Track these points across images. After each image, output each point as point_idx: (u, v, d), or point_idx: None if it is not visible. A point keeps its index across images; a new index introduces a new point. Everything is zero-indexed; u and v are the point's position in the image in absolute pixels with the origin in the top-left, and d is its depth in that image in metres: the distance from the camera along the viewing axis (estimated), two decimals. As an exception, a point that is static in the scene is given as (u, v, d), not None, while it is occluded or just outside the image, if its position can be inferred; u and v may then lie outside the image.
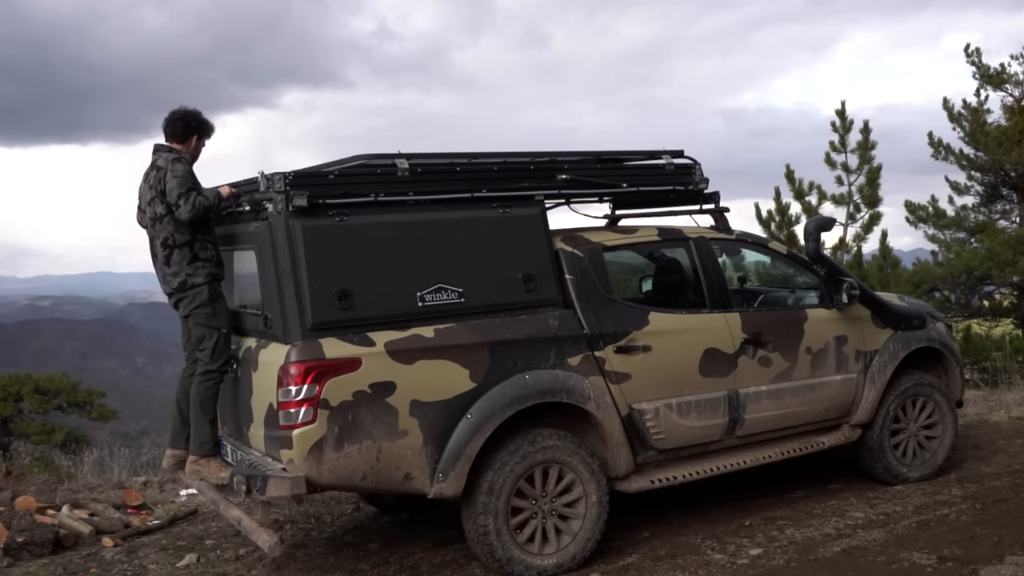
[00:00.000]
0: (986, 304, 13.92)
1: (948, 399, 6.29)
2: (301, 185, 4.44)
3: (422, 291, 4.59)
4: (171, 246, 4.77)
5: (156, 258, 4.88)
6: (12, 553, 5.42)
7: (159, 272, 4.88)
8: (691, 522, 5.52)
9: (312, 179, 4.54)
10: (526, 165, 5.16)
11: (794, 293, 6.23)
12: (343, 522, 6.07)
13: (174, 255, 4.77)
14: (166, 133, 4.96)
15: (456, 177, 4.91)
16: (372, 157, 4.81)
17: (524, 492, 4.73)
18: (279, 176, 4.43)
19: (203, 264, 4.79)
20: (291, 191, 4.41)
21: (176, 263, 4.77)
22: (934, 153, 13.88)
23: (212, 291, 4.82)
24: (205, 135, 5.05)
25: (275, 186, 4.43)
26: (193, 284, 4.78)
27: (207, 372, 4.80)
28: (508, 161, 5.16)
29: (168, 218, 4.75)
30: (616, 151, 5.59)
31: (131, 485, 7.20)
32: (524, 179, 5.10)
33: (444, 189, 4.81)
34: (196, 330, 4.84)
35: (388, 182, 4.68)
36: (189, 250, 4.77)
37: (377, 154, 4.82)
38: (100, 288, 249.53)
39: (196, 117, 4.99)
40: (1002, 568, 4.51)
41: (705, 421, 5.26)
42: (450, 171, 4.94)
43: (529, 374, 4.73)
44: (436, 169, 4.92)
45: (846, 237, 13.73)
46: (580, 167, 5.33)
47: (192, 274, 4.77)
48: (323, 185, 4.52)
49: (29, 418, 16.92)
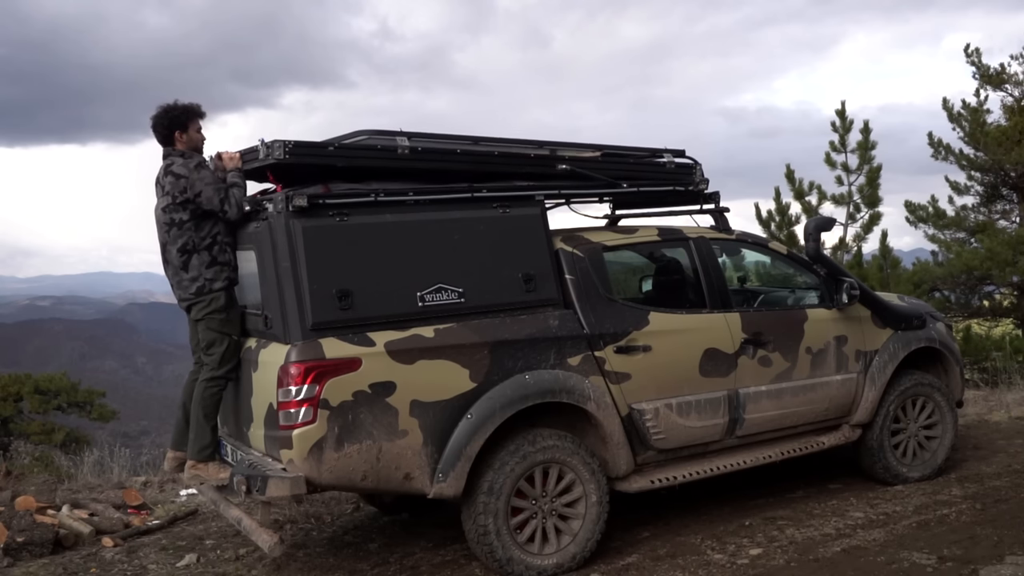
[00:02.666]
0: (986, 304, 13.92)
1: (948, 399, 6.29)
2: (300, 153, 4.51)
3: (422, 291, 4.59)
4: (190, 251, 4.73)
5: (170, 263, 4.83)
6: (12, 553, 5.42)
7: (173, 278, 4.83)
8: (691, 522, 5.52)
9: (311, 148, 4.57)
10: (527, 153, 5.15)
11: (794, 293, 6.24)
12: (343, 522, 6.08)
13: (193, 260, 4.74)
14: (157, 139, 4.91)
15: (456, 159, 4.92)
16: (374, 133, 4.83)
17: (524, 492, 4.73)
18: (279, 143, 4.46)
19: (222, 268, 4.77)
20: (292, 193, 4.41)
21: (195, 267, 4.74)
22: (934, 153, 13.89)
23: (229, 297, 4.81)
24: (188, 125, 4.87)
25: (274, 153, 4.48)
26: (212, 289, 4.75)
27: (213, 379, 4.78)
28: (509, 148, 5.15)
29: (190, 224, 4.71)
30: (618, 146, 5.58)
31: (131, 485, 7.20)
32: (524, 166, 5.11)
33: (443, 168, 4.83)
34: (207, 335, 4.80)
35: (387, 158, 4.70)
36: (208, 254, 4.75)
37: (378, 130, 4.84)
38: (100, 288, 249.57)
39: (167, 115, 4.85)
40: (1002, 568, 4.51)
41: (705, 421, 5.26)
42: (450, 152, 4.94)
43: (529, 374, 4.73)
44: (436, 149, 4.93)
45: (846, 237, 13.74)
46: (581, 160, 5.32)
47: (212, 279, 4.75)
48: (323, 155, 4.57)
49: (29, 418, 16.92)
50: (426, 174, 4.89)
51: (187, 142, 4.89)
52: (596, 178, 5.35)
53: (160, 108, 4.88)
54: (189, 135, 4.90)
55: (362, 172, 4.79)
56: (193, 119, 4.92)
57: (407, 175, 4.86)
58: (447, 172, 4.95)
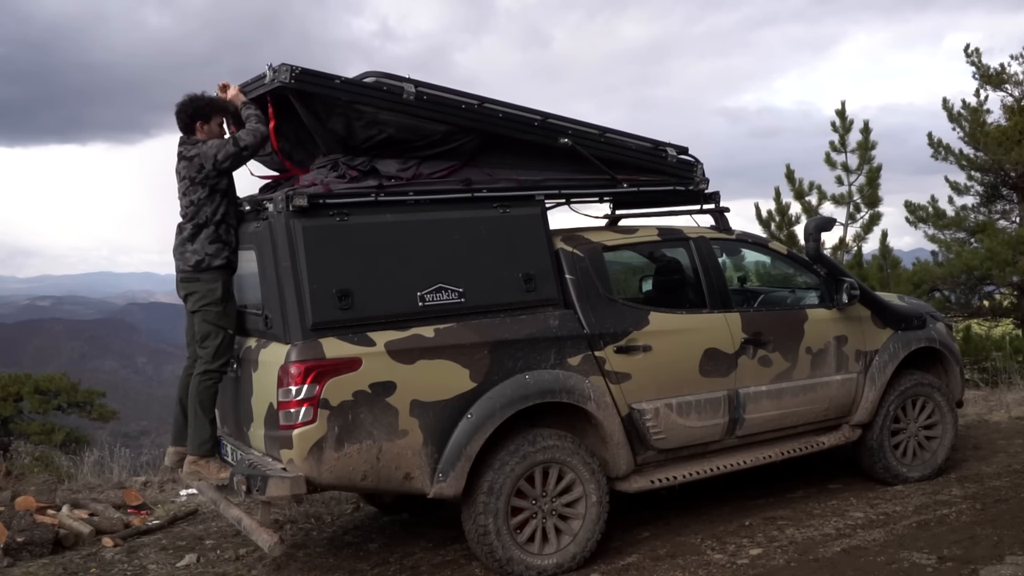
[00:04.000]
0: (986, 304, 13.92)
1: (948, 399, 6.29)
2: (306, 81, 4.51)
3: (422, 291, 4.59)
4: (201, 225, 4.74)
5: (180, 233, 4.81)
6: (12, 553, 5.42)
7: (178, 249, 4.81)
8: (691, 522, 5.52)
9: (317, 77, 4.55)
10: (531, 121, 5.15)
11: (794, 293, 6.24)
12: (343, 522, 6.08)
13: (201, 233, 4.74)
14: (178, 127, 4.90)
15: (460, 113, 4.89)
16: (382, 75, 4.81)
17: (524, 492, 4.73)
18: (285, 67, 4.46)
19: (224, 246, 4.77)
20: (292, 193, 4.41)
21: (201, 241, 4.73)
22: (934, 153, 13.89)
23: (225, 288, 4.80)
24: (212, 118, 4.84)
25: (280, 76, 4.48)
26: (210, 266, 4.74)
27: (207, 372, 4.77)
28: (514, 112, 5.12)
29: (208, 198, 4.71)
30: (622, 131, 5.55)
31: (131, 485, 7.20)
32: (527, 133, 5.11)
33: (445, 120, 4.82)
34: (202, 327, 4.79)
35: (392, 101, 4.70)
36: (215, 230, 4.75)
37: (387, 73, 4.83)
38: (100, 288, 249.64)
39: (192, 104, 4.84)
40: (1002, 568, 4.50)
41: (705, 421, 5.26)
42: (455, 107, 4.91)
43: (529, 374, 4.73)
44: (441, 101, 4.88)
45: (846, 237, 13.74)
46: (584, 138, 5.30)
47: (212, 255, 4.73)
48: (328, 87, 4.56)
49: (29, 418, 16.91)
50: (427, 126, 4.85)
51: (207, 134, 4.84)
52: (593, 162, 5.30)
53: (186, 96, 4.86)
54: (210, 127, 4.86)
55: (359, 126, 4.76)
56: (218, 113, 4.89)
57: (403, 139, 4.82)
58: (449, 126, 4.89)
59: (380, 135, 4.80)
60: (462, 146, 4.99)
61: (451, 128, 4.91)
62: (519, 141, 5.13)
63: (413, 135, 4.86)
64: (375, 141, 4.82)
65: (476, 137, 4.99)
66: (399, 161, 4.86)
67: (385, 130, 4.79)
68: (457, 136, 4.95)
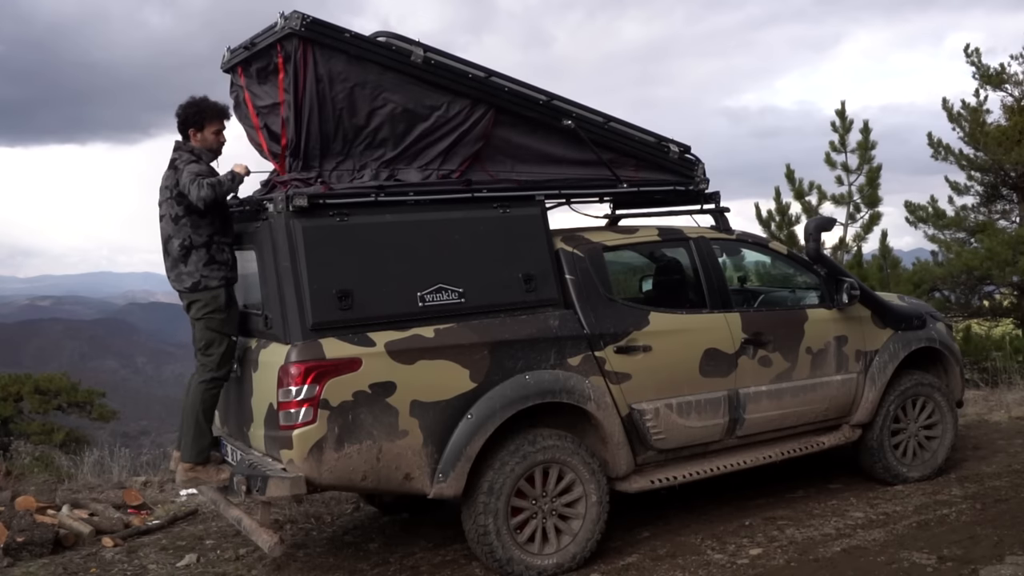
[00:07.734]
0: (986, 304, 13.91)
1: (948, 399, 6.29)
2: (316, 30, 4.53)
3: (422, 291, 4.59)
4: (188, 247, 4.68)
5: (169, 255, 4.76)
6: (12, 553, 5.42)
7: (171, 269, 4.77)
8: (691, 522, 5.52)
9: (328, 28, 4.58)
10: (536, 99, 5.15)
11: (794, 293, 6.24)
12: (343, 522, 6.08)
13: (192, 255, 4.69)
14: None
15: (466, 83, 4.91)
16: (393, 36, 4.83)
17: (524, 492, 4.73)
18: (297, 14, 4.49)
19: (219, 267, 4.73)
20: (292, 193, 4.41)
21: (193, 263, 4.68)
22: (934, 153, 13.88)
23: (228, 296, 4.78)
24: (205, 125, 4.78)
25: (291, 23, 4.50)
26: (207, 287, 4.71)
27: (212, 379, 4.75)
28: (520, 89, 5.14)
29: (186, 219, 4.65)
30: (626, 120, 5.56)
31: (131, 485, 7.19)
32: (531, 110, 5.12)
33: (450, 88, 4.84)
34: (206, 334, 4.76)
35: (400, 62, 4.73)
36: (206, 252, 4.70)
37: (398, 35, 4.85)
38: (100, 288, 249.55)
39: (184, 111, 4.79)
40: (1002, 568, 4.51)
41: (705, 421, 5.26)
42: (462, 75, 4.92)
43: (529, 374, 4.73)
44: (448, 67, 4.89)
45: (846, 237, 13.73)
46: (587, 123, 5.30)
47: (207, 276, 4.70)
48: (337, 39, 4.59)
49: (29, 418, 16.90)
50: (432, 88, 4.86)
51: (201, 141, 4.80)
52: (592, 148, 5.28)
53: (187, 100, 4.82)
54: (204, 136, 4.80)
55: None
56: (212, 121, 4.81)
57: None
58: (454, 95, 4.90)
59: (384, 107, 4.77)
60: (470, 128, 4.96)
61: (456, 100, 4.89)
62: (525, 126, 5.12)
63: (418, 107, 4.84)
64: (380, 117, 4.79)
65: (482, 116, 4.97)
66: (419, 170, 4.90)
67: (389, 101, 4.77)
68: (463, 113, 4.92)
